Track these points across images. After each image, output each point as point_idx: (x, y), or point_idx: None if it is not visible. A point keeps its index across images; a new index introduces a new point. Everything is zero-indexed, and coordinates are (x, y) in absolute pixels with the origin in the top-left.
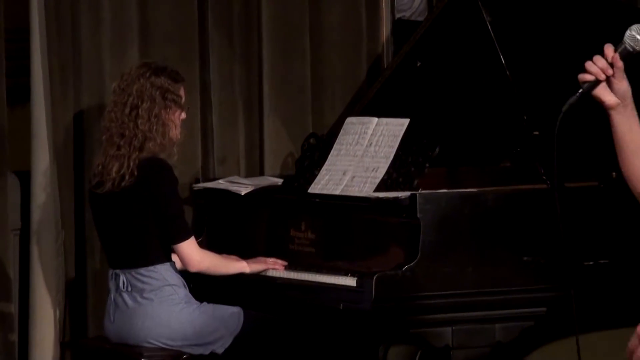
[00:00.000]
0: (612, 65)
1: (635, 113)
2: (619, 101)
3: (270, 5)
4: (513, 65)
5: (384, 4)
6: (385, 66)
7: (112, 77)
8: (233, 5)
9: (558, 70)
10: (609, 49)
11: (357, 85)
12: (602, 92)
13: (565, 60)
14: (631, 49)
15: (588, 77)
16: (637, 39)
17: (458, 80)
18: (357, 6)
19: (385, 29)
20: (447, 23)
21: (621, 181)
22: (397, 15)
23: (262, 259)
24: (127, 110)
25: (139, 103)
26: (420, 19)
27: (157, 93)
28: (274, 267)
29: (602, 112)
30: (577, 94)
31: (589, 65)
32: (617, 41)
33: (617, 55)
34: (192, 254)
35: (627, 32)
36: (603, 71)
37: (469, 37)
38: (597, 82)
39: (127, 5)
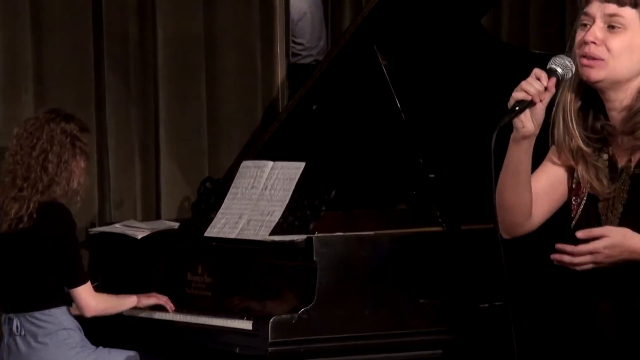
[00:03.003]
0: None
1: None
2: (536, 130)
3: (166, 48)
4: (408, 109)
5: (279, 48)
6: (281, 109)
7: (6, 121)
8: (129, 48)
9: (453, 114)
10: (543, 74)
11: (253, 128)
12: (527, 117)
13: (459, 104)
14: (560, 77)
15: (523, 96)
16: (567, 65)
17: (354, 124)
18: (252, 50)
19: (280, 73)
20: (342, 66)
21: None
22: (303, 55)
23: (153, 294)
24: (35, 154)
25: (49, 147)
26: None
27: (68, 140)
28: (166, 304)
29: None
30: (516, 112)
31: (527, 85)
32: (509, 84)
33: (553, 81)
34: (88, 299)
35: (557, 60)
36: (539, 94)
37: (365, 80)
38: (531, 104)
39: (22, 48)
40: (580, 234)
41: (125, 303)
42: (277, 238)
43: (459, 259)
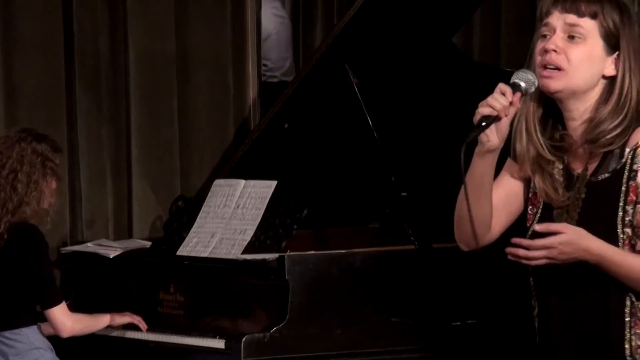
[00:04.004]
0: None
1: None
2: (501, 144)
3: (138, 67)
4: (380, 127)
5: (250, 67)
6: (253, 128)
7: None
8: (100, 67)
9: (425, 132)
10: (507, 89)
11: (225, 147)
12: (492, 132)
13: (431, 122)
14: (524, 92)
15: (489, 112)
16: (531, 79)
17: (326, 142)
18: (224, 69)
19: (252, 91)
20: (314, 85)
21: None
22: (267, 76)
23: (127, 313)
24: (4, 173)
25: (19, 167)
26: (290, 78)
27: (38, 160)
28: (139, 323)
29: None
30: (482, 127)
31: (493, 100)
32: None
33: (518, 95)
34: (63, 319)
35: (520, 74)
36: (504, 109)
37: (337, 98)
38: (497, 119)
39: None
40: (538, 227)
41: (99, 322)
42: (249, 257)
43: (430, 277)
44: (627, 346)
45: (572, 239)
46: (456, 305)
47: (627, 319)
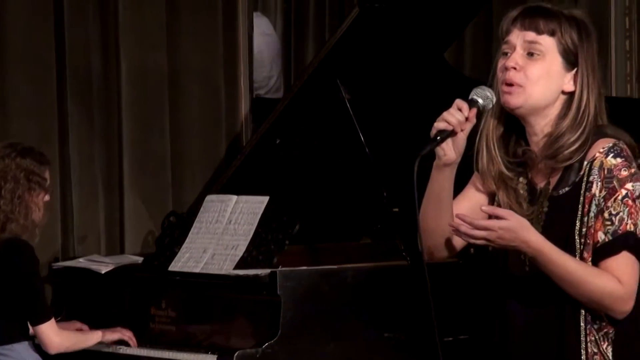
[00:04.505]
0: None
1: None
2: (457, 158)
3: (130, 82)
4: (372, 142)
5: (242, 82)
6: (245, 143)
7: None
8: (92, 82)
9: (417, 147)
10: (464, 104)
11: (217, 162)
12: (448, 146)
13: (423, 138)
14: (481, 108)
15: (445, 126)
16: (488, 95)
17: (318, 157)
18: (216, 84)
19: (244, 107)
20: (306, 100)
21: (479, 257)
22: (254, 93)
23: (118, 328)
24: None
25: (2, 183)
26: (277, 95)
27: (22, 175)
28: (130, 340)
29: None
30: (437, 141)
31: (449, 115)
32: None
33: (474, 111)
34: (52, 336)
35: (478, 91)
36: (460, 124)
37: (328, 114)
38: (452, 133)
39: None
40: (485, 208)
41: (89, 339)
42: (241, 272)
43: (423, 292)
44: (582, 353)
45: (513, 226)
46: (448, 320)
47: (582, 325)
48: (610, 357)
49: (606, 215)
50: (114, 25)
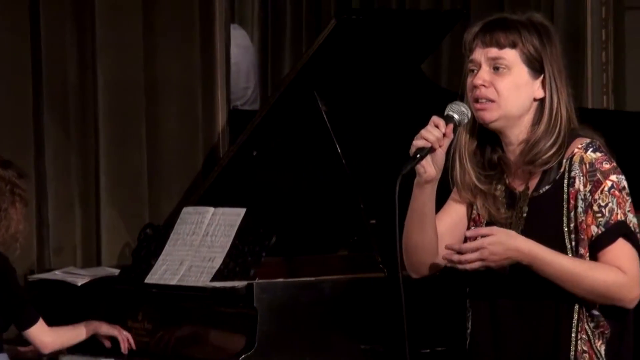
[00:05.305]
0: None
1: None
2: (438, 175)
3: (107, 94)
4: (349, 155)
5: (219, 95)
6: (222, 156)
7: None
8: (68, 94)
9: (394, 159)
10: (441, 121)
11: (194, 174)
12: (428, 163)
13: (401, 150)
14: (457, 123)
15: (423, 144)
16: (463, 110)
17: (295, 169)
18: (193, 96)
19: (221, 118)
20: (283, 112)
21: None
22: (231, 105)
23: (118, 326)
24: None
25: None
26: (254, 106)
27: (7, 187)
28: (123, 341)
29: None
30: (417, 159)
31: (427, 132)
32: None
33: (450, 127)
34: (43, 337)
35: (454, 107)
36: (438, 141)
37: (305, 126)
38: (431, 150)
39: None
40: (468, 233)
41: (81, 332)
42: (218, 284)
43: (400, 304)
44: (572, 349)
45: (500, 239)
46: (425, 332)
47: (575, 322)
48: (603, 356)
49: (595, 208)
50: (91, 38)
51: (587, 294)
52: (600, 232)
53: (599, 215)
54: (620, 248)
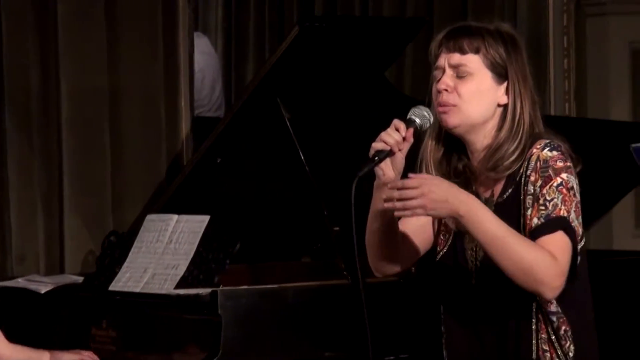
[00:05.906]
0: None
1: None
2: (397, 178)
3: (70, 102)
4: (313, 161)
5: (183, 102)
6: (185, 163)
7: None
8: (31, 101)
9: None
10: (402, 125)
11: (158, 182)
12: (387, 166)
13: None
14: (419, 127)
15: (382, 147)
16: (425, 115)
17: (259, 176)
18: (156, 103)
19: (185, 126)
20: (246, 119)
21: (420, 276)
22: (196, 112)
23: (77, 350)
24: None
25: None
26: (219, 113)
27: None
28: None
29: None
30: (375, 161)
31: (386, 135)
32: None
33: (411, 131)
34: (1, 348)
35: (416, 111)
36: (397, 144)
37: (269, 133)
38: (390, 153)
39: None
40: (411, 174)
41: (44, 358)
42: (182, 292)
43: (363, 311)
44: (534, 349)
45: (442, 180)
46: (389, 339)
47: (534, 321)
48: (569, 355)
49: (541, 201)
50: (53, 45)
51: (513, 268)
52: (540, 222)
53: (542, 208)
54: (558, 238)
